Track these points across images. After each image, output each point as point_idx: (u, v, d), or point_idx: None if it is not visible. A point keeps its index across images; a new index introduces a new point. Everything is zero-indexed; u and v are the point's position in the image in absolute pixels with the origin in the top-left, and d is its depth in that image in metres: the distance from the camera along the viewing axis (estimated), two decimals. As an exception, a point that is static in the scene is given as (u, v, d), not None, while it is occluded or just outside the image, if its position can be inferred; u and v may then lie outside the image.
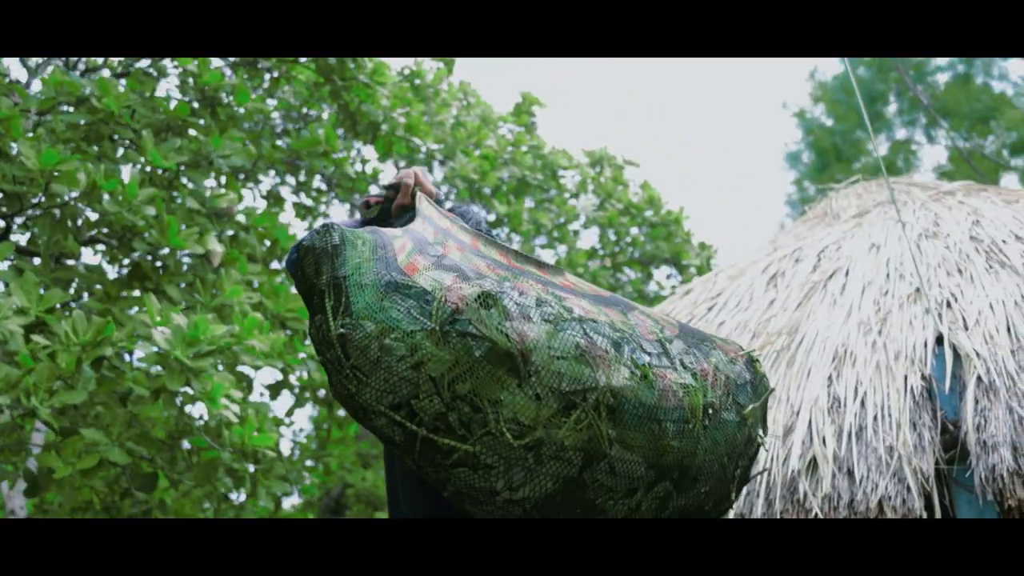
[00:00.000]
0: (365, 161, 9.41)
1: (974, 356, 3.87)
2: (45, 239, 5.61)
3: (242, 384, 6.15)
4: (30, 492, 5.21)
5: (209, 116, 6.73)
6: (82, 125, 5.93)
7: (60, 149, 5.47)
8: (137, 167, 6.06)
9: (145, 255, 5.94)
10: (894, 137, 16.32)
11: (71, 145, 5.92)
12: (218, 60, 7.32)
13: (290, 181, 8.81)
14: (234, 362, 5.72)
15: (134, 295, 6.03)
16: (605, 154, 11.09)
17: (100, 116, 5.92)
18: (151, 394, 5.13)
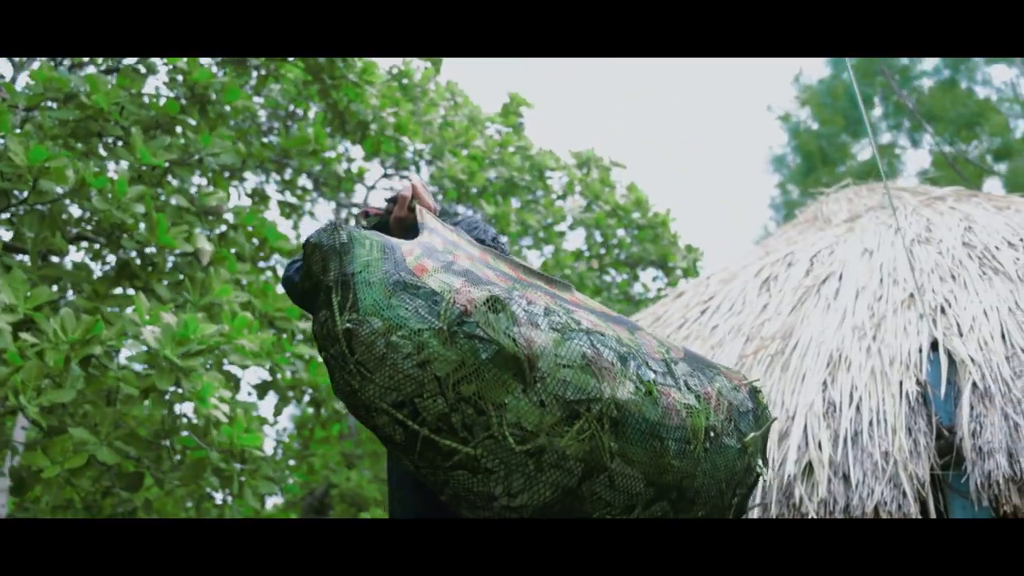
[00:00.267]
0: (351, 160, 9.38)
1: (969, 362, 3.88)
2: (33, 236, 5.56)
3: (229, 383, 6.11)
4: (16, 491, 5.17)
5: (198, 114, 6.68)
6: (70, 121, 5.88)
7: (48, 146, 5.42)
8: (124, 164, 6.01)
9: (133, 253, 5.90)
10: (878, 141, 16.37)
11: (59, 142, 5.87)
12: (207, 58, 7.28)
13: (275, 179, 8.78)
14: (221, 361, 5.68)
15: (123, 293, 5.98)
16: (592, 155, 11.08)
17: (89, 113, 5.87)
18: (140, 393, 5.09)
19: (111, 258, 6.60)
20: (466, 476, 1.93)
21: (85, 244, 6.33)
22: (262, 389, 6.46)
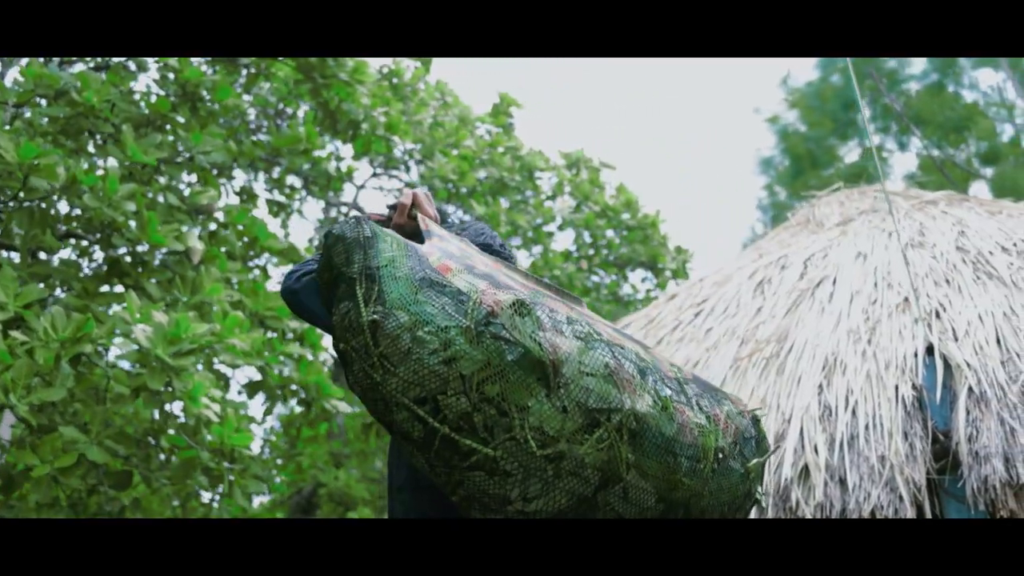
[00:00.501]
0: (340, 159, 9.36)
1: (965, 367, 3.89)
2: (23, 233, 5.53)
3: (220, 383, 6.09)
4: (4, 489, 5.14)
5: (189, 112, 6.65)
6: (60, 119, 5.85)
7: (39, 143, 5.39)
8: (114, 162, 5.98)
9: (124, 251, 5.86)
10: (865, 143, 16.42)
11: (48, 139, 5.84)
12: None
13: (263, 178, 8.74)
14: (211, 360, 5.66)
15: (113, 291, 5.95)
16: (581, 156, 11.08)
17: (80, 110, 5.84)
18: (131, 392, 5.06)
19: (98, 255, 6.57)
20: (483, 477, 1.93)
21: (73, 241, 6.29)
22: (252, 388, 6.43)
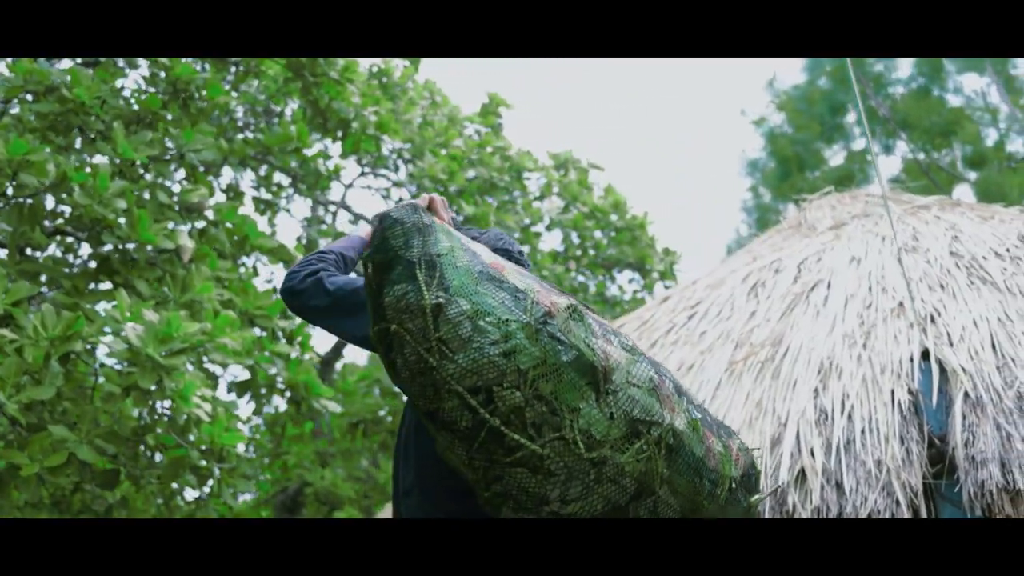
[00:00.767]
0: (328, 157, 9.33)
1: (960, 372, 3.91)
2: (11, 230, 5.49)
3: (209, 382, 6.06)
4: (-6, 490, 5.10)
5: (179, 109, 6.62)
6: (50, 115, 5.81)
7: (29, 139, 5.36)
8: (103, 159, 5.95)
9: (115, 248, 5.82)
10: (850, 147, 16.49)
11: (37, 135, 5.80)
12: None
13: (250, 176, 8.70)
14: (201, 359, 5.63)
15: (102, 289, 5.91)
16: (570, 157, 11.08)
17: (70, 106, 5.81)
18: (122, 391, 5.04)
19: (83, 251, 6.53)
20: (525, 475, 1.94)
21: (59, 238, 6.26)
22: (242, 387, 6.40)
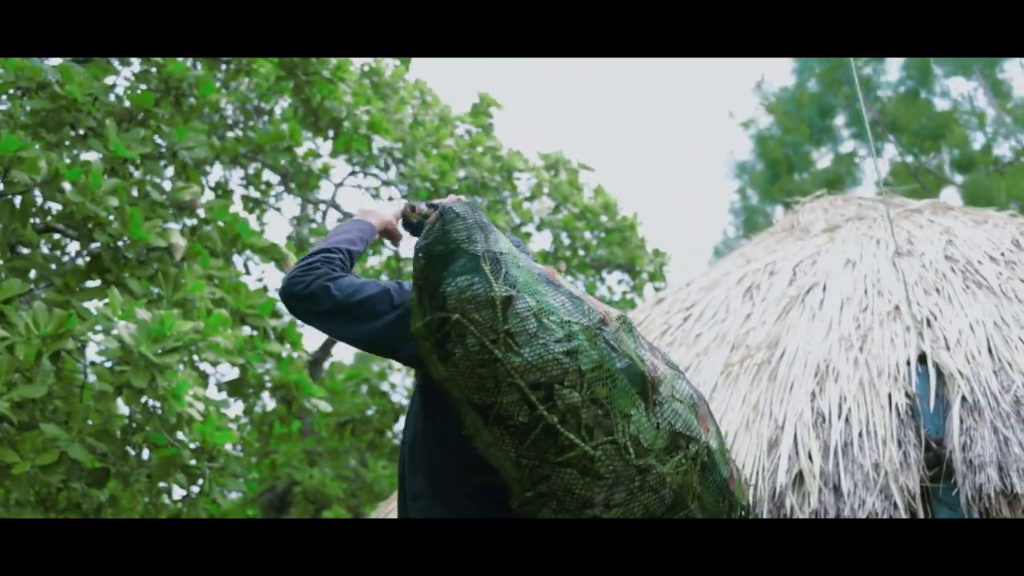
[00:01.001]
0: (318, 156, 9.32)
1: (958, 375, 3.92)
2: (3, 227, 5.46)
3: (201, 380, 6.03)
4: (-16, 487, 5.08)
5: (171, 107, 6.60)
6: (41, 111, 5.78)
7: (20, 136, 5.33)
8: (95, 156, 5.92)
9: (106, 246, 5.79)
10: (838, 150, 16.53)
11: (28, 131, 5.77)
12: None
13: (238, 173, 8.68)
14: (193, 358, 5.62)
15: (94, 287, 5.88)
16: (560, 157, 11.08)
17: (62, 103, 5.78)
18: (114, 389, 5.01)
19: (71, 249, 6.50)
20: (573, 475, 1.97)
21: (47, 236, 6.23)
22: (233, 387, 6.38)
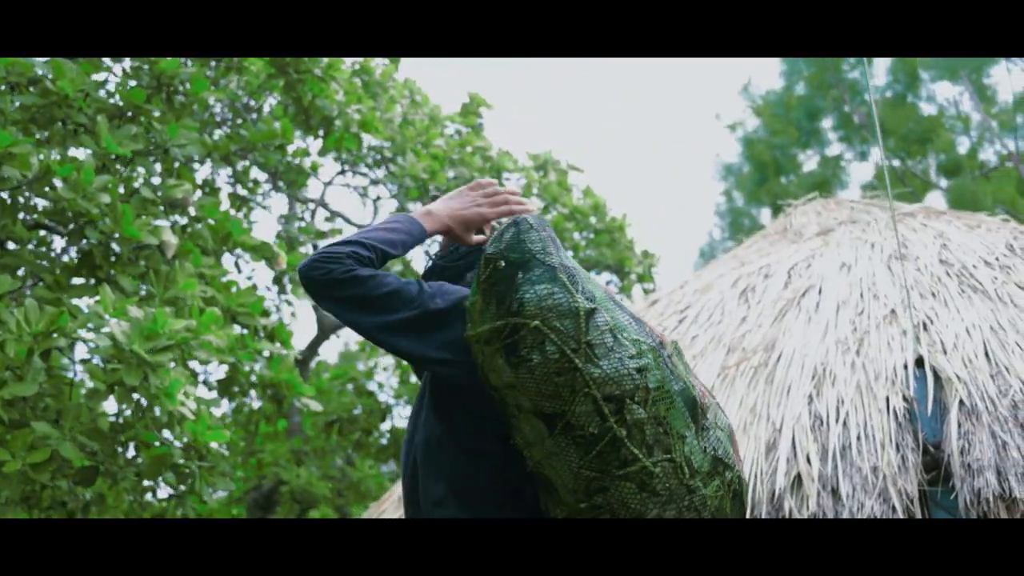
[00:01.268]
0: (307, 154, 9.29)
1: (955, 380, 3.94)
2: (-7, 224, 5.43)
3: (192, 379, 6.00)
4: (-28, 485, 5.04)
5: (163, 103, 6.56)
6: (32, 107, 5.75)
7: (11, 131, 5.30)
8: (86, 152, 5.88)
9: (97, 243, 5.76)
10: (824, 153, 16.58)
11: (19, 127, 5.73)
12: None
13: (225, 171, 8.64)
14: (185, 357, 5.59)
15: (85, 285, 5.85)
16: (549, 158, 11.07)
17: (53, 99, 5.75)
18: (106, 388, 4.98)
19: (57, 245, 6.46)
20: (631, 490, 1.99)
21: (44, 233, 6.19)
22: (224, 386, 6.36)
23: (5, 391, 4.63)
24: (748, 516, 2.33)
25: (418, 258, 9.38)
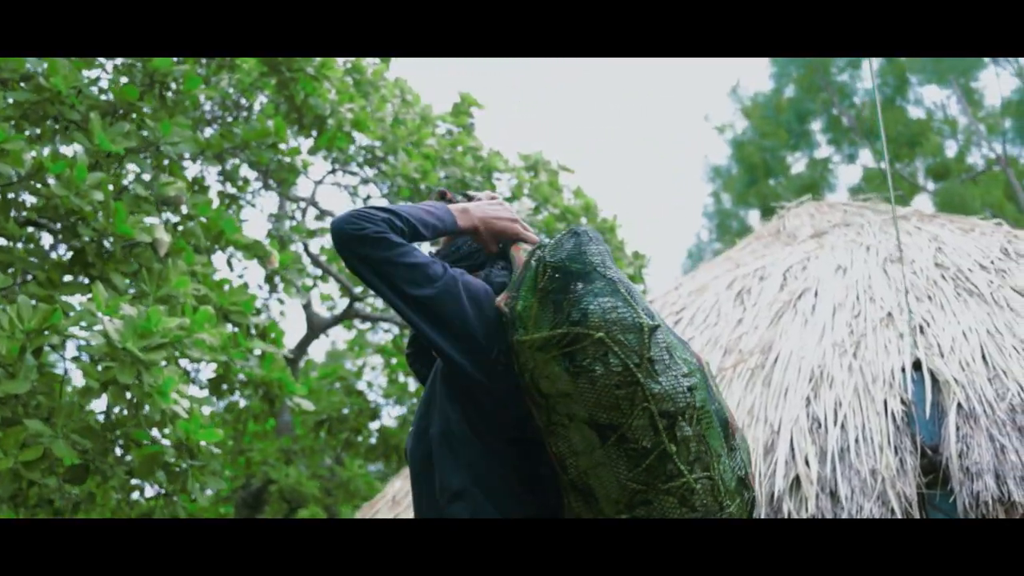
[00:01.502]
0: (298, 153, 9.27)
1: (953, 383, 3.95)
2: (-16, 220, 5.40)
3: (185, 378, 5.98)
4: (-37, 484, 5.00)
5: (156, 101, 6.53)
6: (24, 103, 5.71)
7: (5, 128, 5.27)
8: (78, 149, 5.85)
9: (89, 241, 5.73)
10: (813, 155, 16.65)
11: (10, 123, 5.70)
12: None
13: (214, 169, 8.60)
14: (177, 356, 5.57)
15: (77, 282, 5.82)
16: (540, 158, 11.05)
17: (46, 95, 5.72)
18: (100, 386, 4.96)
19: (45, 242, 6.42)
20: (673, 504, 2.03)
21: (32, 230, 6.15)
22: (216, 384, 6.33)
23: (-3, 389, 4.59)
24: None
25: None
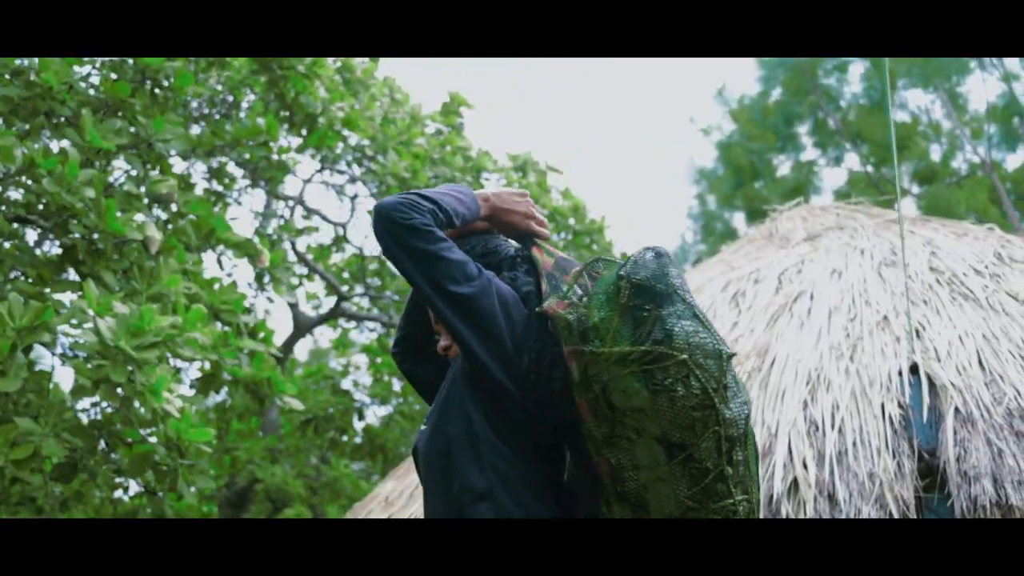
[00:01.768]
0: (288, 151, 9.24)
1: (950, 387, 3.97)
2: (-26, 217, 5.36)
3: (176, 376, 5.95)
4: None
5: (147, 98, 6.50)
6: (15, 99, 5.67)
7: (-2, 124, 5.24)
8: (69, 145, 5.82)
9: (81, 238, 5.69)
10: (803, 158, 16.71)
11: (0, 119, 5.67)
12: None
13: (201, 167, 8.57)
14: (168, 354, 5.54)
15: (69, 280, 5.78)
16: (529, 159, 11.05)
17: (37, 91, 5.68)
18: (91, 384, 4.93)
19: (31, 238, 6.39)
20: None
21: (16, 226, 6.12)
22: (206, 383, 6.29)
23: (-12, 387, 4.56)
24: None
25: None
